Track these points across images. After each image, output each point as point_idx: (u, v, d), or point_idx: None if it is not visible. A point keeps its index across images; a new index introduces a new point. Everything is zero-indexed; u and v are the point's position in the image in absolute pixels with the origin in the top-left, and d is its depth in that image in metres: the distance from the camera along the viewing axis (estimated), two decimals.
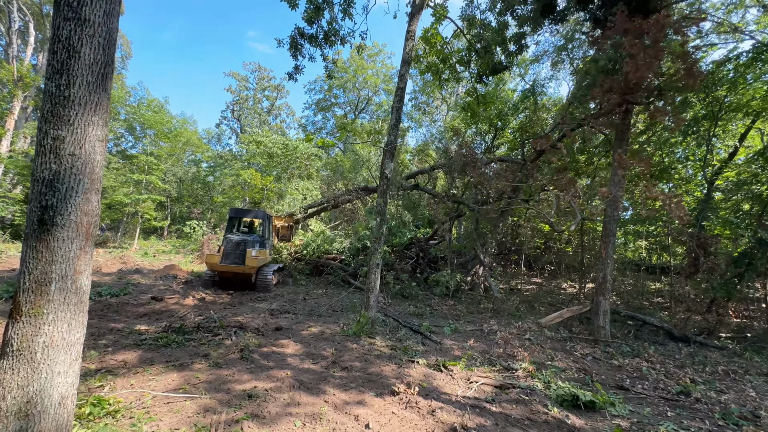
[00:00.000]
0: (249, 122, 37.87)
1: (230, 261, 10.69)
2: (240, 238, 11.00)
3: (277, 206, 20.23)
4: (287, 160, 23.10)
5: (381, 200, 7.31)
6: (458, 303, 11.90)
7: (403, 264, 14.95)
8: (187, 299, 9.06)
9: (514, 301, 11.43)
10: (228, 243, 10.90)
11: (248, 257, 10.66)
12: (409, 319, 8.63)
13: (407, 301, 11.70)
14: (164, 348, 5.20)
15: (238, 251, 10.80)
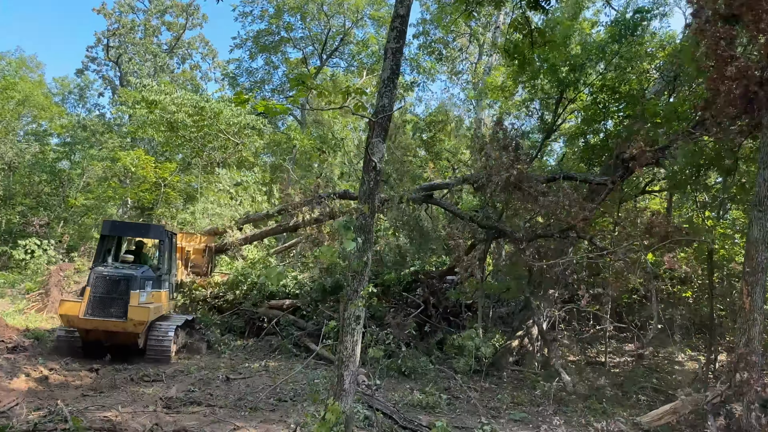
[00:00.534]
0: (136, 68, 37.70)
1: (102, 312, 10.80)
2: (119, 273, 11.14)
3: (184, 215, 20.04)
4: (203, 134, 22.99)
5: (366, 207, 7.21)
6: (497, 385, 11.83)
7: (402, 316, 14.89)
8: (17, 380, 8.82)
9: (594, 383, 11.41)
10: (98, 281, 11.01)
11: (133, 305, 10.76)
12: (411, 414, 8.52)
13: (409, 382, 11.60)
14: None
15: (115, 295, 10.92)
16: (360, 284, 7.23)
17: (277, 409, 8.48)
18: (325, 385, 9.54)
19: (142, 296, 11.17)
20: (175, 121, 21.94)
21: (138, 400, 8.34)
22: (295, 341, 14.31)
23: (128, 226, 13.08)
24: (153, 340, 11.45)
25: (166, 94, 21.98)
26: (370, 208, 7.31)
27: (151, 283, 11.76)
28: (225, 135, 23.32)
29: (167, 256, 12.85)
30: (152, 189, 24.81)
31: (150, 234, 12.88)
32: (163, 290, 12.48)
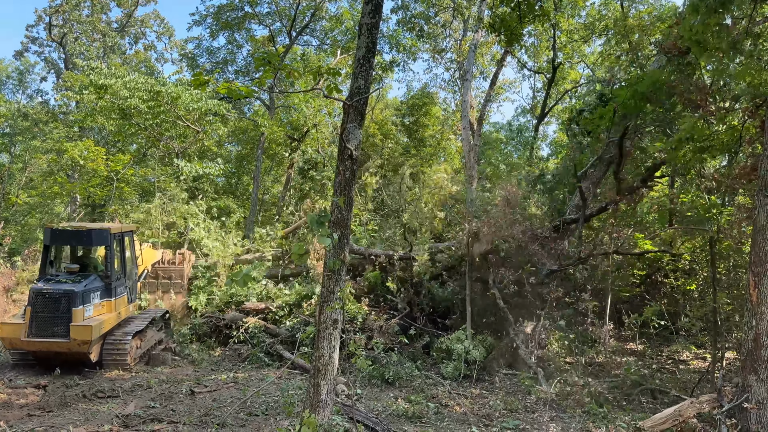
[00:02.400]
0: (83, 49, 36.96)
1: (45, 333, 10.90)
2: (59, 290, 11.15)
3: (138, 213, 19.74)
4: (159, 122, 22.63)
5: (341, 199, 7.17)
6: (488, 391, 11.89)
7: (384, 319, 14.89)
8: None
9: (593, 386, 11.52)
10: (38, 299, 11.04)
11: (75, 324, 10.82)
12: (396, 424, 8.50)
13: (393, 390, 11.61)
14: None
15: (57, 314, 10.97)
16: (337, 284, 7.20)
17: (248, 424, 8.40)
18: (301, 396, 9.49)
19: (88, 311, 11.25)
20: (127, 108, 21.55)
21: (91, 418, 8.20)
22: (267, 349, 14.22)
23: (70, 234, 12.56)
24: (108, 350, 11.59)
25: (118, 78, 21.55)
26: (347, 201, 7.27)
27: (99, 293, 11.83)
28: (184, 122, 23.01)
29: (119, 260, 12.79)
30: (104, 184, 24.38)
31: (93, 241, 12.51)
32: (118, 297, 12.50)
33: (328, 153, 24.41)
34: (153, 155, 25.31)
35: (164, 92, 21.30)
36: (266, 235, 20.31)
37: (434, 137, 31.56)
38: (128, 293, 13.20)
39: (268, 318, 15.48)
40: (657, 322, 14.42)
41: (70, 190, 25.68)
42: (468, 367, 12.80)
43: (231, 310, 15.79)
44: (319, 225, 6.99)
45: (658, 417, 8.49)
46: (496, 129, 36.76)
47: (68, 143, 24.33)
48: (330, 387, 6.99)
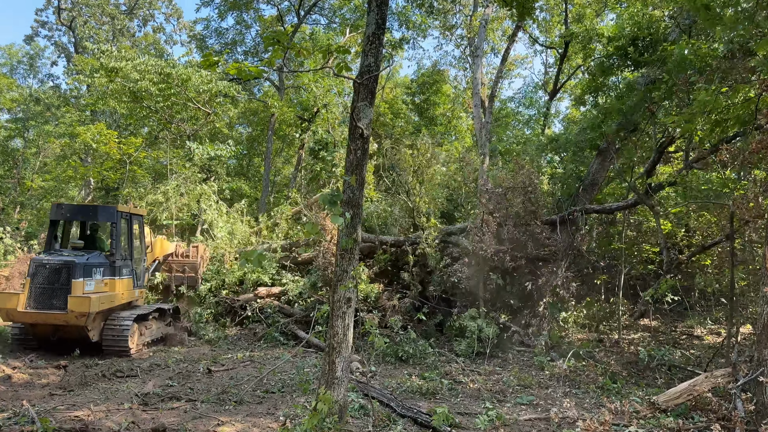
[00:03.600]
0: (92, 33, 36.96)
1: (43, 304, 10.78)
2: (59, 261, 11.10)
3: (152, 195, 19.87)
4: (170, 104, 22.67)
5: (353, 178, 7.18)
6: (502, 368, 11.98)
7: (397, 298, 14.98)
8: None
9: (607, 362, 11.57)
10: (38, 270, 10.99)
11: (74, 296, 10.70)
12: (410, 401, 8.61)
13: (406, 367, 11.73)
14: None
15: (57, 285, 10.88)
16: (350, 263, 7.25)
17: (264, 401, 8.55)
18: (316, 374, 9.62)
19: (88, 285, 11.10)
20: (138, 90, 21.57)
21: (111, 397, 8.38)
22: (281, 329, 14.41)
23: (76, 209, 12.82)
24: (108, 333, 11.41)
25: (128, 61, 21.54)
26: (359, 180, 7.28)
27: (102, 270, 11.65)
28: (194, 104, 23.01)
29: (125, 240, 12.66)
30: (117, 167, 24.55)
31: (98, 216, 12.60)
32: (122, 278, 12.34)
33: (339, 133, 24.34)
34: (165, 138, 25.40)
35: (174, 74, 21.28)
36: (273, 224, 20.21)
37: (445, 116, 31.36)
38: (134, 277, 13.01)
39: (281, 299, 15.66)
40: (671, 297, 14.39)
41: (84, 173, 25.90)
42: (481, 344, 12.89)
43: (246, 292, 15.99)
44: (331, 204, 7.01)
45: (672, 392, 8.50)
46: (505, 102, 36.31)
47: (80, 127, 24.46)
48: (345, 364, 7.07)
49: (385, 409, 7.94)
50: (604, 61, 14.65)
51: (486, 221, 14.40)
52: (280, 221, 19.82)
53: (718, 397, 8.47)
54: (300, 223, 19.84)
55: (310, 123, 27.27)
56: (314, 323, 13.70)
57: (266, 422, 7.26)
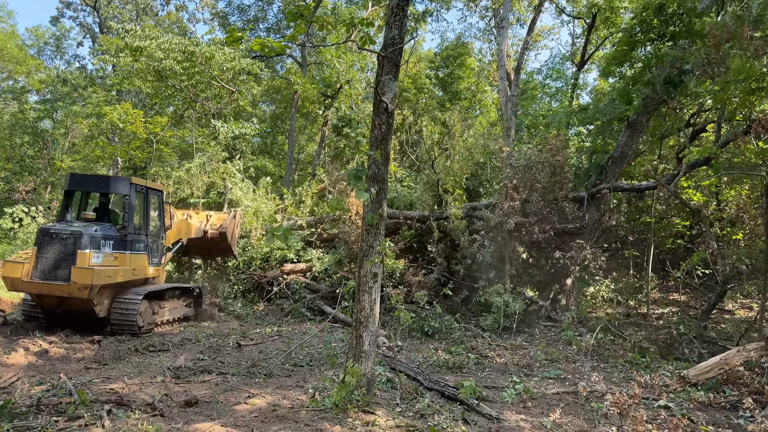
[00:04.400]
0: (116, 12, 37.21)
1: (48, 275, 10.51)
2: (67, 230, 10.74)
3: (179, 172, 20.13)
4: (194, 82, 22.81)
5: (378, 153, 7.18)
6: (528, 342, 12.01)
7: (423, 274, 15.05)
8: (15, 354, 9.08)
9: (635, 336, 11.51)
10: (45, 240, 10.68)
11: (78, 267, 10.39)
12: (437, 375, 8.69)
13: (432, 342, 11.82)
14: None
15: (62, 255, 10.58)
16: (376, 239, 7.28)
17: (293, 374, 8.72)
18: (343, 348, 9.75)
19: (95, 257, 10.72)
20: (163, 69, 21.74)
21: (144, 370, 8.61)
22: (308, 305, 14.62)
23: (89, 179, 12.55)
24: (117, 309, 11.08)
25: (152, 40, 21.68)
26: (383, 155, 7.27)
27: (113, 243, 11.27)
28: (218, 82, 23.12)
29: (140, 214, 12.29)
30: (144, 146, 24.89)
31: (111, 187, 12.22)
32: (134, 253, 11.91)
33: (362, 109, 24.26)
34: (190, 117, 25.63)
35: (198, 52, 21.38)
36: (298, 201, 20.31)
37: (469, 89, 31.01)
38: (149, 253, 12.51)
39: (307, 275, 15.86)
40: (701, 271, 14.20)
41: (112, 153, 26.32)
42: (507, 319, 12.91)
43: (273, 269, 16.21)
44: (356, 180, 7.03)
45: (703, 365, 8.46)
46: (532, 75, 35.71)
47: (107, 107, 24.80)
48: (372, 338, 7.15)
49: (412, 382, 8.03)
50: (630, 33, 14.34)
51: (511, 195, 14.32)
52: (305, 198, 19.96)
53: (750, 371, 8.40)
54: (325, 201, 19.97)
55: (333, 99, 27.21)
56: (340, 299, 13.86)
57: (295, 394, 7.41)
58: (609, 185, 14.34)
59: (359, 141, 22.69)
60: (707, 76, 11.50)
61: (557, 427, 6.54)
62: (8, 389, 7.31)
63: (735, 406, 7.57)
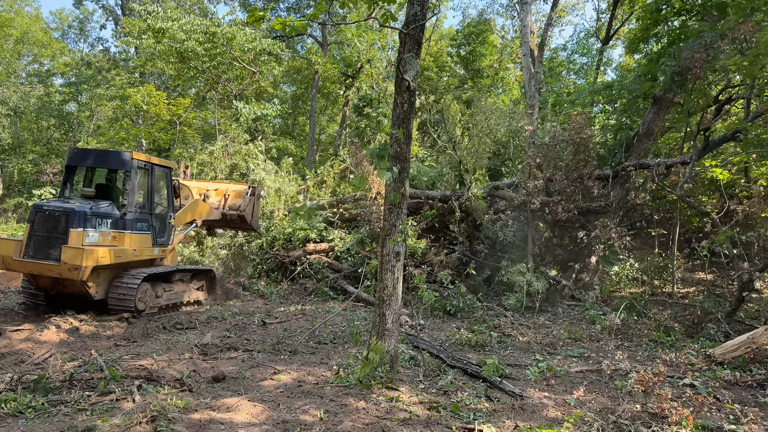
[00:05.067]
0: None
1: (40, 254, 10.10)
2: (59, 208, 10.26)
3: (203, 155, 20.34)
4: (216, 64, 22.92)
5: (400, 132, 7.18)
6: (551, 322, 12.00)
7: (444, 254, 15.07)
8: (47, 331, 9.29)
9: (661, 315, 11.43)
10: (38, 217, 10.27)
11: (69, 246, 9.87)
12: (460, 353, 8.75)
13: (455, 321, 11.87)
14: (14, 418, 5.39)
15: (55, 234, 10.11)
16: (398, 218, 7.31)
17: (317, 351, 8.85)
18: (366, 326, 9.85)
19: (90, 236, 10.17)
20: (185, 51, 21.87)
21: (173, 347, 8.80)
22: (331, 284, 14.77)
23: (88, 154, 12.03)
24: (114, 292, 10.67)
25: (174, 21, 21.79)
26: (406, 133, 7.27)
27: (110, 222, 10.66)
28: (240, 63, 23.19)
29: (144, 191, 11.70)
30: (167, 128, 25.15)
31: (110, 162, 11.51)
32: (135, 232, 11.31)
33: (383, 89, 24.16)
34: (212, 98, 25.80)
35: (219, 33, 21.45)
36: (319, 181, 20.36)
37: (492, 67, 30.66)
38: (154, 233, 11.89)
39: (329, 255, 16.00)
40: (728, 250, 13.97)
41: (136, 135, 26.66)
42: (530, 299, 12.91)
43: (296, 249, 16.38)
44: (379, 159, 7.05)
45: (729, 344, 8.39)
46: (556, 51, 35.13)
47: (131, 89, 25.06)
48: (395, 316, 7.22)
49: (435, 360, 8.10)
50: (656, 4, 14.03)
51: (534, 174, 14.22)
52: (326, 179, 20.05)
53: None
54: (346, 181, 20.05)
55: (354, 79, 27.15)
56: (363, 278, 13.96)
57: (320, 371, 7.53)
58: (634, 163, 14.15)
59: (380, 121, 22.65)
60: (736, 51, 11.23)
61: (581, 405, 6.57)
62: (42, 365, 7.55)
63: (762, 385, 7.53)
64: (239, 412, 5.77)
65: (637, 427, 5.76)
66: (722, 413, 6.39)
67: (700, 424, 5.82)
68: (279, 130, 31.94)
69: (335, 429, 5.36)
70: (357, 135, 24.84)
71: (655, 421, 5.95)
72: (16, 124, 30.80)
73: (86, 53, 37.41)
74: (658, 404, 6.22)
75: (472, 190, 15.42)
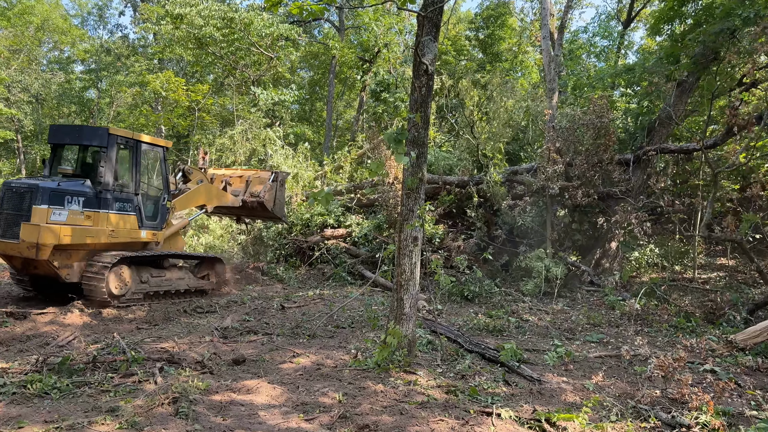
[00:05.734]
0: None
1: (5, 231, 9.79)
2: (25, 185, 9.93)
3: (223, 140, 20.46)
4: (234, 49, 22.96)
5: (418, 116, 7.15)
6: (570, 307, 11.96)
7: (462, 239, 15.05)
8: (71, 315, 9.50)
9: (682, 301, 11.34)
10: (6, 194, 10.00)
11: (29, 223, 9.50)
12: (477, 337, 8.76)
13: (472, 306, 11.89)
14: (39, 399, 5.52)
15: (21, 212, 9.75)
16: (416, 203, 7.31)
17: (336, 335, 8.94)
18: (384, 311, 9.91)
19: (57, 214, 9.68)
20: (203, 37, 21.93)
21: (193, 331, 8.95)
22: (348, 269, 14.84)
23: (67, 130, 11.46)
24: (86, 274, 10.18)
25: (192, 6, 21.85)
26: (423, 118, 7.25)
27: (83, 200, 10.12)
28: (257, 49, 23.20)
29: (127, 169, 11.06)
30: (186, 114, 25.30)
31: (85, 139, 10.93)
32: (114, 212, 10.68)
33: (400, 73, 24.03)
34: (230, 84, 25.88)
35: (237, 18, 21.46)
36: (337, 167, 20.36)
37: (510, 51, 30.32)
38: (140, 215, 11.16)
39: (347, 240, 16.08)
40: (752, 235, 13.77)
41: (155, 121, 26.86)
42: (548, 284, 12.86)
43: (313, 234, 16.47)
44: (396, 143, 7.04)
45: (751, 330, 8.30)
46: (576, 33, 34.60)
47: (150, 75, 25.22)
48: (412, 301, 7.25)
49: (453, 344, 8.13)
50: None
51: (554, 159, 14.10)
52: (343, 164, 20.08)
53: None
54: (363, 166, 20.05)
55: (371, 64, 27.03)
56: (380, 263, 14.01)
57: (338, 354, 7.61)
58: (656, 147, 13.97)
59: (397, 106, 22.53)
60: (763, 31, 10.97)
61: (599, 389, 6.56)
62: (66, 347, 7.71)
63: None
64: (259, 394, 5.86)
65: (657, 412, 5.74)
66: (743, 399, 6.34)
67: (720, 409, 5.78)
68: (296, 115, 31.97)
69: (354, 411, 5.42)
70: (374, 120, 24.78)
71: (675, 406, 5.93)
72: (38, 111, 31.22)
73: (105, 40, 37.71)
74: (678, 390, 6.19)
75: (491, 175, 15.33)
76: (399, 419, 5.28)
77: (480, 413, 5.55)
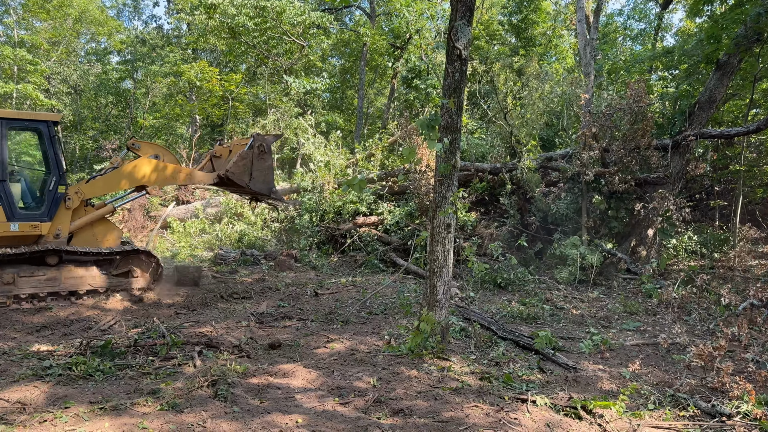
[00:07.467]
0: None
1: None
2: None
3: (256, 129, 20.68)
4: (266, 38, 23.12)
5: (451, 102, 7.12)
6: (606, 295, 11.82)
7: (495, 226, 14.95)
8: (112, 299, 9.83)
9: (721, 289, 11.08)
10: None
11: None
12: (511, 325, 8.74)
13: (505, 294, 11.84)
14: (84, 380, 5.73)
15: None
16: (449, 189, 7.30)
17: (369, 321, 9.02)
18: (416, 298, 9.94)
19: None
20: (236, 26, 22.11)
21: (230, 316, 9.14)
22: (380, 256, 14.90)
23: None
24: None
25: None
26: (457, 104, 7.21)
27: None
28: (289, 37, 23.30)
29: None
30: (220, 103, 25.58)
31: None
32: None
33: (432, 60, 23.85)
34: (262, 73, 26.07)
35: (269, 7, 21.57)
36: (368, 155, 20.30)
37: (545, 35, 29.79)
38: (6, 205, 9.23)
39: (378, 228, 16.12)
40: None
41: (190, 110, 27.25)
42: (584, 272, 12.71)
43: (345, 222, 16.55)
44: (429, 129, 7.02)
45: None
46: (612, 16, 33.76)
47: (184, 66, 25.56)
48: (445, 288, 7.26)
49: (486, 331, 8.13)
50: None
51: (590, 144, 13.86)
52: (375, 152, 20.06)
53: None
54: (395, 154, 20.01)
55: (403, 51, 26.88)
56: (412, 251, 14.03)
57: (372, 340, 7.68)
58: (695, 132, 13.62)
59: (429, 93, 22.41)
60: None
61: (636, 378, 6.49)
62: (108, 331, 7.96)
63: None
64: (295, 378, 5.96)
65: (696, 401, 5.66)
66: None
67: (763, 398, 5.67)
68: (327, 104, 32.05)
69: (388, 396, 5.48)
70: (405, 107, 24.68)
71: (714, 395, 5.84)
72: (77, 102, 31.96)
73: (140, 31, 38.24)
74: (718, 379, 6.09)
75: (524, 161, 15.16)
76: (433, 404, 5.31)
77: (515, 400, 5.56)
